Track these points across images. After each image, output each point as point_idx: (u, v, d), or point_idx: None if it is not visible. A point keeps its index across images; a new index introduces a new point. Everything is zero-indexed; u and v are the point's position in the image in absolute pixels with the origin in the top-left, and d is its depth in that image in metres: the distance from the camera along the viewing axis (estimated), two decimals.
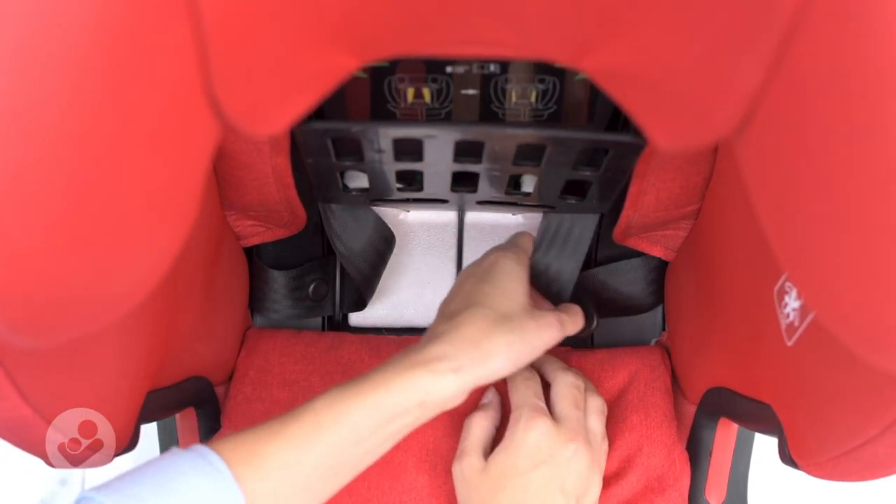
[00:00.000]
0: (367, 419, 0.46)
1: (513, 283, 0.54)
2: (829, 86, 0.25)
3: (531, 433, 0.53)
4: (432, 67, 0.45)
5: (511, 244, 0.60)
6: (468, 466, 0.55)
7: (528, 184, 0.61)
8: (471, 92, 0.47)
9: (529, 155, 0.49)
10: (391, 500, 0.58)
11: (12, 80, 0.23)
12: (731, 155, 0.48)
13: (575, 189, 0.56)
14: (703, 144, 0.30)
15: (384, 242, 0.65)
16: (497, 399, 0.60)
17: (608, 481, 0.58)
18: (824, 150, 0.26)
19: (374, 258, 0.65)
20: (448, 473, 0.58)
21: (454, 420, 0.60)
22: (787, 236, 0.30)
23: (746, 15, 0.26)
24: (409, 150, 0.48)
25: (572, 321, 0.56)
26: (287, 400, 0.62)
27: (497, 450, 0.54)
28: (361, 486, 0.58)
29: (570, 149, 0.47)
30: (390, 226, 0.65)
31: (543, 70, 0.46)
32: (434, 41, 0.32)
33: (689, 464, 0.59)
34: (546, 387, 0.58)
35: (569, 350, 0.65)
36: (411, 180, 0.55)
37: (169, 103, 0.27)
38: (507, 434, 0.54)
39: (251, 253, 0.65)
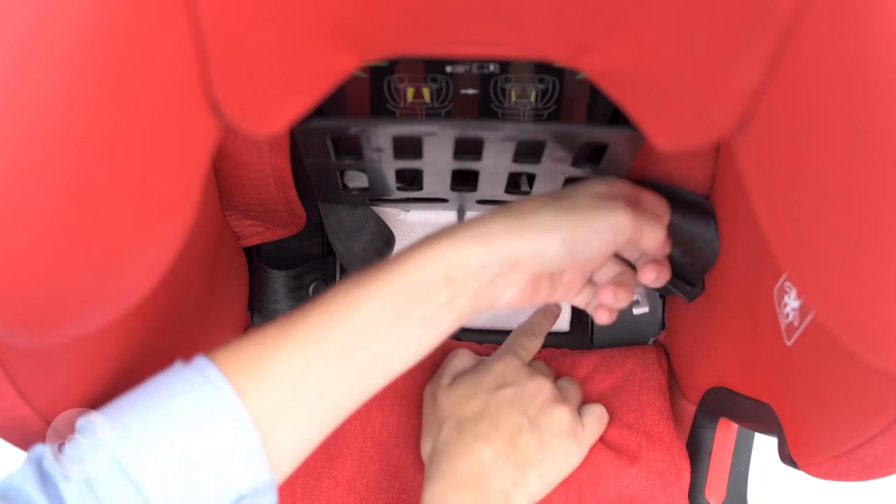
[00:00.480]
0: (384, 304, 0.40)
1: (583, 187, 0.47)
2: (828, 85, 0.25)
3: (500, 362, 0.56)
4: (432, 67, 0.45)
5: None
6: (436, 384, 0.56)
7: (528, 183, 0.61)
8: (470, 92, 0.47)
9: (529, 151, 0.48)
10: (390, 498, 0.58)
11: (11, 79, 0.23)
12: (731, 155, 0.48)
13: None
14: (702, 144, 0.30)
15: (384, 242, 0.65)
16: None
17: (608, 479, 0.58)
18: (823, 150, 0.26)
19: (374, 258, 0.65)
20: None
21: None
22: (787, 235, 0.30)
23: (745, 15, 0.26)
24: (409, 148, 0.48)
25: (652, 224, 0.47)
26: None
27: (466, 372, 0.56)
28: (361, 484, 0.58)
29: (569, 144, 0.47)
30: (390, 225, 0.65)
31: (543, 70, 0.46)
32: (433, 41, 0.32)
33: (689, 460, 0.59)
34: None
35: (565, 352, 0.65)
36: (411, 180, 0.55)
37: (168, 103, 0.28)
38: (480, 364, 0.57)
39: (251, 253, 0.65)
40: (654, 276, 0.50)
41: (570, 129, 0.46)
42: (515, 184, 0.57)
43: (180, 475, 0.35)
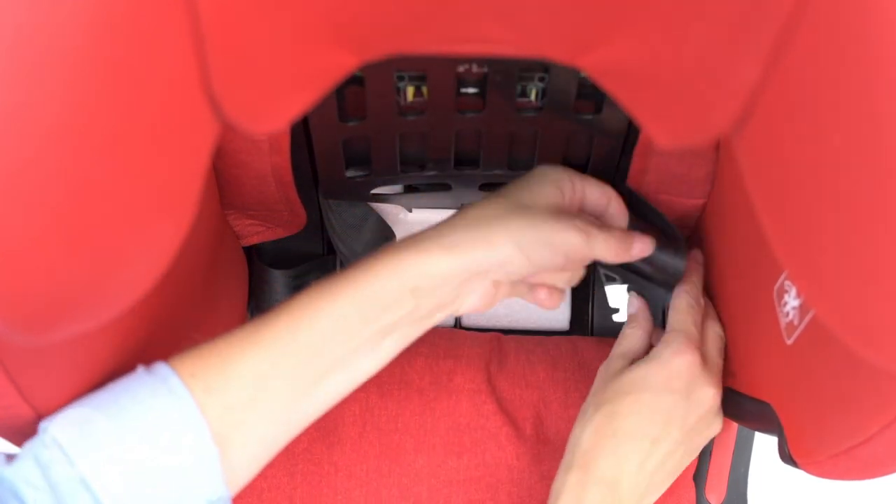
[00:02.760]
0: (349, 310, 0.41)
1: (544, 183, 0.47)
2: (827, 82, 0.25)
3: (679, 359, 0.50)
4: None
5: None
6: (610, 367, 0.53)
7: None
8: (471, 91, 0.47)
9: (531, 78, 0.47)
10: (390, 483, 0.58)
11: (11, 77, 0.23)
12: (730, 153, 0.48)
13: (575, 165, 0.56)
14: (702, 141, 0.30)
15: (385, 242, 0.65)
16: (643, 304, 0.57)
17: None
18: (823, 147, 0.26)
19: None
20: (447, 454, 0.58)
21: (452, 401, 0.60)
22: (786, 233, 0.30)
23: (744, 12, 0.26)
24: (413, 110, 0.48)
25: (604, 239, 0.47)
26: None
27: (640, 362, 0.52)
28: (360, 470, 0.58)
29: (571, 76, 0.46)
30: (391, 225, 0.65)
31: (544, 68, 0.46)
32: (433, 39, 0.32)
33: None
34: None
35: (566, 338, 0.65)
36: (414, 159, 0.55)
37: (168, 101, 0.28)
38: (654, 352, 0.52)
39: (251, 252, 0.65)
40: (543, 299, 0.51)
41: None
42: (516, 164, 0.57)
43: (139, 488, 0.36)
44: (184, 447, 0.37)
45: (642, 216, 0.54)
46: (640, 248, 0.51)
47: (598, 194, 0.51)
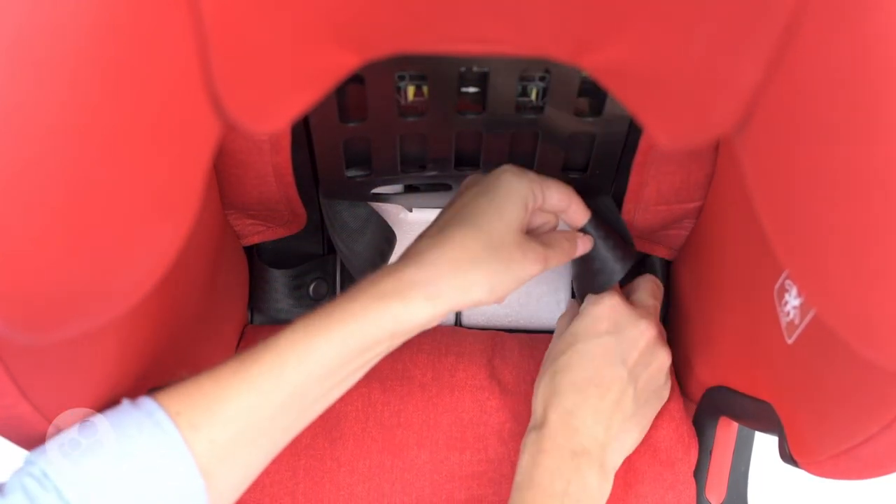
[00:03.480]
0: (334, 353, 0.43)
1: (510, 205, 0.50)
2: (829, 83, 0.25)
3: (598, 305, 0.56)
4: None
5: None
6: (560, 326, 0.59)
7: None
8: (471, 90, 0.47)
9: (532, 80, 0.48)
10: (393, 478, 0.58)
11: (12, 76, 0.23)
12: (732, 153, 0.49)
13: (576, 165, 0.56)
14: (704, 141, 0.30)
15: (385, 241, 0.65)
16: (574, 303, 0.61)
17: None
18: (824, 147, 0.26)
19: (375, 257, 0.65)
20: (450, 450, 0.58)
21: (455, 396, 0.60)
22: (788, 233, 0.30)
23: (746, 13, 0.26)
24: (414, 110, 0.48)
25: (557, 256, 0.53)
26: None
27: (568, 325, 0.57)
28: (363, 465, 0.58)
29: (572, 77, 0.46)
30: (391, 225, 0.65)
31: (545, 68, 0.46)
32: (435, 39, 0.32)
33: (696, 438, 0.59)
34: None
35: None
36: (414, 159, 0.55)
37: (170, 100, 0.28)
38: (580, 309, 0.57)
39: (251, 252, 0.65)
40: None
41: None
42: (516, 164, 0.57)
43: None
44: (171, 480, 0.38)
45: (608, 221, 0.58)
46: (583, 247, 0.56)
47: (558, 197, 0.54)
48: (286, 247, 0.66)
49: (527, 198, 0.51)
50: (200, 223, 0.49)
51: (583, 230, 0.56)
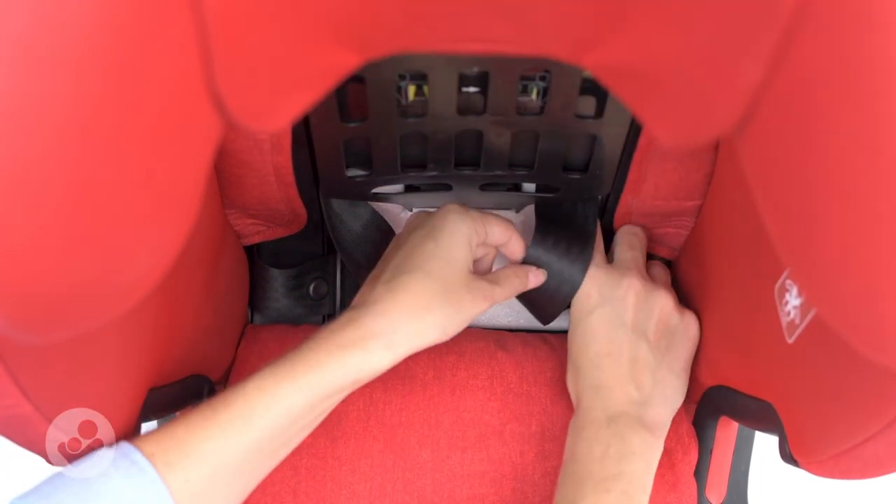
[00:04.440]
0: (300, 400, 0.46)
1: (456, 247, 0.53)
2: (831, 81, 0.25)
3: (582, 285, 0.58)
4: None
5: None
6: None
7: (529, 186, 0.60)
8: (472, 90, 0.47)
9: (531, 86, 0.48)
10: (394, 477, 0.58)
11: (15, 76, 0.23)
12: (732, 152, 0.49)
13: (576, 166, 0.56)
14: (705, 140, 0.30)
15: (386, 241, 0.65)
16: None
17: None
18: (826, 146, 0.26)
19: (375, 257, 0.65)
20: (451, 449, 0.58)
21: (456, 396, 0.60)
22: (789, 232, 0.30)
23: (747, 11, 0.26)
24: (414, 110, 0.48)
25: (504, 292, 0.56)
26: None
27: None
28: (364, 464, 0.58)
29: (573, 79, 0.46)
30: (391, 224, 0.65)
31: (545, 67, 0.46)
32: (436, 38, 0.32)
33: (696, 439, 0.59)
34: None
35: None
36: (415, 159, 0.55)
37: (171, 100, 0.28)
38: None
39: (252, 252, 0.65)
40: None
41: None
42: (516, 187, 0.57)
43: None
44: None
45: (573, 231, 0.59)
46: (535, 280, 0.58)
47: (499, 232, 0.56)
48: (286, 247, 0.66)
49: (470, 237, 0.53)
50: (201, 223, 0.49)
51: (533, 254, 0.58)
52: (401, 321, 0.49)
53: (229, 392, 0.46)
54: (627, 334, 0.56)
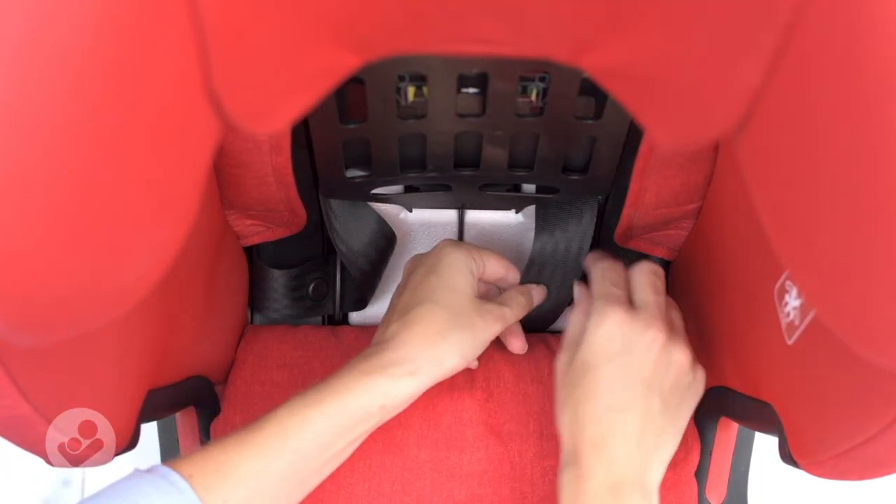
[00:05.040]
0: (329, 425, 0.48)
1: (459, 275, 0.55)
2: (830, 82, 0.25)
3: (603, 326, 0.52)
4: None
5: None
6: (558, 362, 0.55)
7: (529, 187, 0.60)
8: (471, 91, 0.47)
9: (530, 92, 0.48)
10: (393, 477, 0.58)
11: (14, 77, 0.23)
12: (732, 153, 0.49)
13: (576, 166, 0.56)
14: (704, 142, 0.30)
15: (385, 241, 0.65)
16: (585, 290, 0.58)
17: None
18: (825, 147, 0.26)
19: (375, 257, 0.65)
20: (450, 449, 0.58)
21: (454, 396, 0.60)
22: (788, 233, 0.30)
23: (746, 13, 0.26)
24: (414, 111, 0.48)
25: (514, 311, 0.57)
26: (286, 382, 0.62)
27: (578, 345, 0.53)
28: (363, 465, 0.58)
29: (572, 81, 0.46)
30: (391, 225, 0.65)
31: (545, 68, 0.46)
32: (434, 39, 0.32)
33: (698, 440, 0.59)
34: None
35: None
36: (414, 159, 0.55)
37: (170, 101, 0.28)
38: (586, 328, 0.53)
39: (251, 252, 0.65)
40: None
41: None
42: (516, 188, 0.57)
43: None
44: None
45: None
46: (538, 296, 0.60)
47: (495, 266, 0.58)
48: (286, 247, 0.66)
49: (469, 265, 0.55)
50: (200, 223, 0.49)
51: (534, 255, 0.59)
52: (419, 349, 0.51)
53: (261, 419, 0.47)
54: (642, 392, 0.51)
